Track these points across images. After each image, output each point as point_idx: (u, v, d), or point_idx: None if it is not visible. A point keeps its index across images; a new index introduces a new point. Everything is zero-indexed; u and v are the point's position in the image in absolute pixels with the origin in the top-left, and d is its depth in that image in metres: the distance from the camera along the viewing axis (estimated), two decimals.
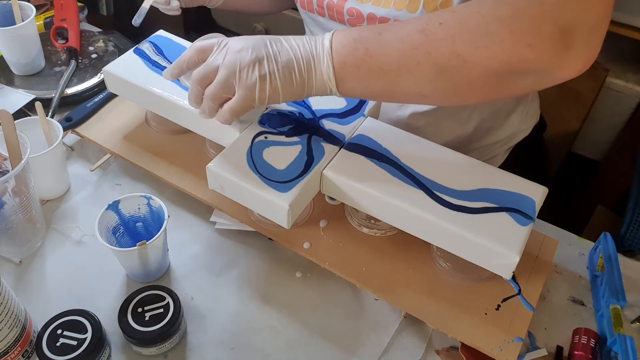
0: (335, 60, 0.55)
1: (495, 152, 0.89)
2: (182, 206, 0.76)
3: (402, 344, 0.64)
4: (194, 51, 0.60)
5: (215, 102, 0.58)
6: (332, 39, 0.55)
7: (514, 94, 0.52)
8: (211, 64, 0.57)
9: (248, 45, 0.56)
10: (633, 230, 1.12)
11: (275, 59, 0.55)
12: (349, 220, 0.71)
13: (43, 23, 1.01)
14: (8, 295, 0.55)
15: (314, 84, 0.57)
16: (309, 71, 0.56)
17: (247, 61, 0.55)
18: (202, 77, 0.58)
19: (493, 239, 0.56)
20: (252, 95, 0.56)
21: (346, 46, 0.54)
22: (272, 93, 0.56)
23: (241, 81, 0.55)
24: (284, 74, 0.55)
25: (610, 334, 0.62)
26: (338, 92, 0.57)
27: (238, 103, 0.57)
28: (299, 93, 0.57)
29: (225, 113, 0.58)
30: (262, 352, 0.63)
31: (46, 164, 0.72)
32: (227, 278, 0.69)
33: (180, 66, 0.62)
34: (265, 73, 0.55)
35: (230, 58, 0.56)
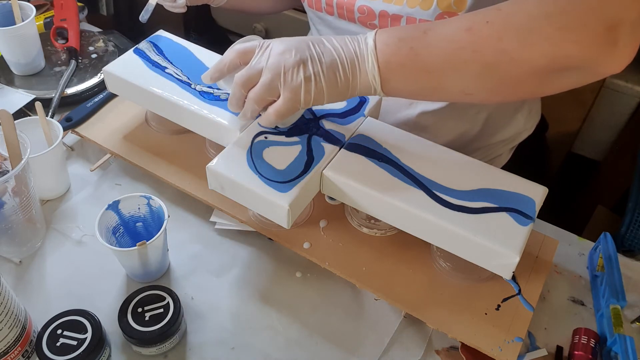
0: (381, 59, 0.54)
1: (500, 151, 0.89)
2: (182, 206, 0.76)
3: (402, 344, 0.64)
4: (235, 54, 0.59)
5: (260, 104, 0.58)
6: (375, 38, 0.55)
7: (556, 91, 0.53)
8: (255, 67, 0.57)
9: (291, 47, 0.56)
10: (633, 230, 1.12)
11: (319, 59, 0.55)
12: (349, 220, 0.71)
13: (43, 23, 1.01)
14: (8, 295, 0.55)
15: (358, 84, 0.56)
16: (353, 71, 0.55)
17: (292, 63, 0.55)
18: (246, 80, 0.57)
19: (493, 239, 0.56)
20: (298, 97, 0.55)
21: (391, 45, 0.54)
22: (317, 94, 0.56)
23: (286, 83, 0.55)
24: (329, 75, 0.55)
25: (610, 334, 0.62)
26: (382, 91, 0.56)
27: (284, 105, 0.56)
28: (343, 93, 0.57)
29: (271, 116, 0.57)
30: (262, 352, 0.63)
31: (46, 164, 0.72)
32: (227, 278, 0.69)
33: (220, 69, 0.61)
34: (310, 74, 0.55)
35: (274, 60, 0.55)
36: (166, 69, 0.73)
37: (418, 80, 0.55)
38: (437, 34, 0.53)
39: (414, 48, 0.53)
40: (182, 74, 0.72)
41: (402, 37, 0.54)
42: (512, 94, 0.56)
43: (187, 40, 0.79)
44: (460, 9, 0.65)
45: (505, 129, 0.86)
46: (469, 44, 0.51)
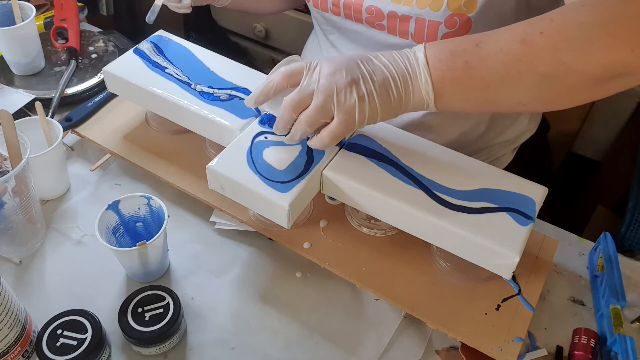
0: (434, 75, 0.53)
1: (503, 151, 0.90)
2: (182, 206, 0.76)
3: (402, 344, 0.64)
4: (282, 76, 0.57)
5: (312, 127, 0.56)
6: (426, 53, 0.54)
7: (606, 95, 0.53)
8: (305, 89, 0.55)
9: (341, 67, 0.54)
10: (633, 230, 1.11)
11: (371, 78, 0.54)
12: (349, 220, 0.71)
13: (43, 23, 1.01)
14: (8, 295, 0.55)
15: (411, 100, 0.55)
16: (406, 88, 0.54)
17: (344, 84, 0.53)
18: (297, 104, 0.56)
19: (493, 239, 0.56)
20: (352, 118, 0.54)
21: (444, 60, 0.53)
22: (371, 113, 0.54)
23: (340, 105, 0.54)
24: (382, 93, 0.54)
25: (610, 334, 0.62)
26: (435, 107, 0.55)
27: (339, 127, 0.55)
28: (395, 111, 0.56)
29: (325, 138, 0.56)
30: (262, 352, 0.63)
31: (46, 164, 0.72)
32: (227, 278, 0.69)
33: (266, 92, 0.58)
34: (364, 94, 0.54)
35: (326, 81, 0.54)
36: (166, 69, 0.73)
37: (473, 94, 0.54)
38: (490, 46, 0.52)
39: (468, 62, 0.53)
40: (183, 74, 0.72)
41: (455, 51, 0.53)
42: (566, 102, 0.55)
43: (187, 40, 0.79)
44: (470, 11, 0.65)
45: (509, 129, 0.86)
46: (525, 56, 0.51)
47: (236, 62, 0.76)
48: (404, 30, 0.71)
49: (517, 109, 0.56)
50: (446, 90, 0.54)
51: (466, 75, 0.53)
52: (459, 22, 0.66)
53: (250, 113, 0.67)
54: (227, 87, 0.71)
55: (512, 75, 0.52)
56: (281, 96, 0.58)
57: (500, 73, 0.52)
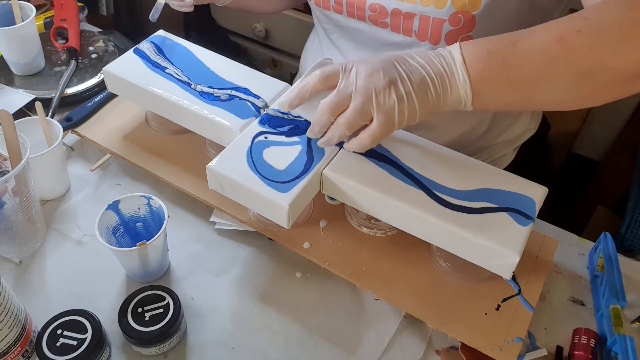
0: (472, 74, 0.53)
1: (504, 151, 0.90)
2: (182, 206, 0.76)
3: (402, 344, 0.64)
4: (317, 79, 0.57)
5: (351, 130, 0.56)
6: (462, 52, 0.54)
7: (633, 93, 0.54)
8: (343, 92, 0.55)
9: (378, 68, 0.54)
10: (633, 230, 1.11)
11: (409, 78, 0.54)
12: (349, 220, 0.71)
13: (43, 23, 1.01)
14: (8, 295, 0.55)
15: (449, 100, 0.55)
16: (444, 87, 0.54)
17: (382, 85, 0.53)
18: (335, 106, 0.55)
19: (493, 239, 0.56)
20: (392, 119, 0.54)
21: (481, 59, 0.53)
22: (410, 114, 0.54)
23: (379, 106, 0.53)
24: (420, 94, 0.54)
25: (610, 334, 0.62)
26: (472, 105, 0.55)
27: (379, 129, 0.54)
28: (433, 110, 0.56)
29: (365, 140, 0.56)
30: (262, 352, 0.63)
31: (46, 164, 0.72)
32: (227, 278, 0.69)
33: (302, 96, 0.58)
34: (402, 95, 0.53)
35: (364, 84, 0.54)
36: (166, 69, 0.73)
37: (510, 93, 0.55)
38: (526, 45, 0.53)
39: (506, 60, 0.53)
40: (183, 74, 0.72)
41: (492, 50, 0.53)
42: (601, 99, 0.55)
43: (187, 40, 0.79)
44: (474, 9, 0.65)
45: (510, 128, 0.86)
46: (562, 55, 0.51)
47: (236, 62, 0.76)
48: (407, 28, 0.71)
49: (552, 106, 0.57)
50: (484, 89, 0.54)
51: (504, 74, 0.53)
52: (464, 19, 0.66)
53: (250, 113, 0.67)
54: (227, 87, 0.71)
55: (550, 74, 0.52)
56: (315, 100, 0.58)
57: (538, 71, 0.52)
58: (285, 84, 0.72)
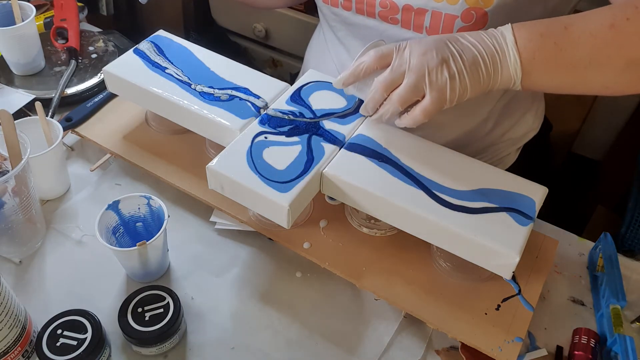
0: (523, 54, 0.56)
1: (508, 150, 0.90)
2: (182, 206, 0.76)
3: (402, 344, 0.64)
4: (372, 58, 0.59)
5: (404, 105, 0.58)
6: (514, 34, 0.56)
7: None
8: (397, 69, 0.58)
9: (431, 47, 0.57)
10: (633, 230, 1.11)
11: (461, 57, 0.56)
12: (349, 220, 0.71)
13: (43, 23, 1.01)
14: (8, 295, 0.55)
15: (500, 78, 0.57)
16: (495, 66, 0.57)
17: (435, 63, 0.56)
18: (389, 83, 0.58)
19: (493, 239, 0.56)
20: (444, 95, 0.56)
21: (534, 41, 0.55)
22: (462, 91, 0.57)
23: (432, 83, 0.56)
24: (472, 71, 0.56)
25: (610, 334, 0.62)
26: (521, 85, 0.58)
27: (432, 104, 0.57)
28: (484, 88, 0.58)
29: (418, 115, 0.58)
30: (262, 352, 0.63)
31: (46, 164, 0.72)
32: (227, 278, 0.69)
33: (357, 74, 0.61)
34: (454, 72, 0.56)
35: (418, 61, 0.56)
36: (166, 69, 0.73)
37: (560, 75, 0.57)
38: (579, 29, 0.55)
39: (558, 44, 0.55)
40: (183, 74, 0.72)
41: (544, 33, 0.55)
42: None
43: (187, 40, 0.79)
44: (487, 5, 0.65)
45: (515, 127, 0.86)
46: (614, 40, 0.53)
47: (236, 62, 0.76)
48: (418, 24, 0.70)
49: (600, 91, 0.58)
50: (534, 70, 0.56)
51: (555, 57, 0.55)
52: (476, 16, 0.66)
53: (250, 113, 0.67)
54: (227, 87, 0.71)
55: (600, 59, 0.54)
56: (369, 79, 0.60)
57: (589, 56, 0.54)
58: (285, 84, 0.72)
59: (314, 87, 0.71)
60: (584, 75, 0.56)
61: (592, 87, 0.58)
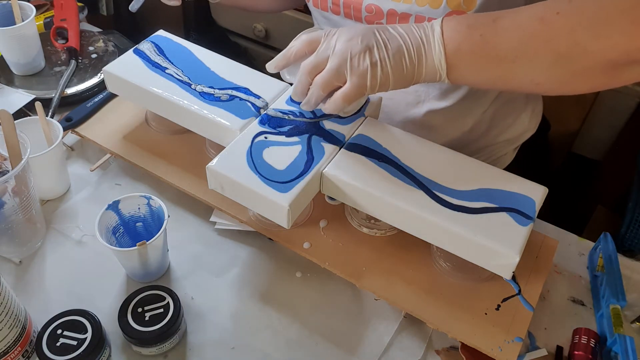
0: (448, 46, 0.55)
1: (505, 150, 0.90)
2: (182, 206, 0.76)
3: (402, 344, 0.64)
4: (302, 43, 0.61)
5: (325, 90, 0.59)
6: (442, 25, 0.56)
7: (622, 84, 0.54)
8: (322, 54, 0.58)
9: (358, 34, 0.57)
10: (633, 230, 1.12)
11: (385, 46, 0.56)
12: (349, 220, 0.71)
13: (43, 23, 1.01)
14: (8, 295, 0.55)
15: (424, 71, 0.57)
16: (419, 57, 0.56)
17: (359, 49, 0.56)
18: (313, 67, 0.59)
19: (493, 239, 0.56)
20: (364, 82, 0.57)
21: (460, 32, 0.55)
22: (384, 80, 0.57)
23: (353, 69, 0.56)
24: (395, 61, 0.56)
25: (610, 334, 0.62)
26: (448, 79, 0.57)
27: (351, 90, 0.57)
28: (408, 79, 0.58)
29: (338, 100, 0.58)
30: (262, 352, 0.63)
31: (46, 164, 0.72)
32: (227, 278, 0.69)
33: (287, 57, 0.62)
34: (377, 60, 0.56)
35: (341, 47, 0.57)
36: (167, 70, 0.73)
37: (487, 68, 0.56)
38: (507, 22, 0.54)
39: (484, 35, 0.54)
40: (183, 75, 0.72)
41: (472, 25, 0.55)
42: (580, 85, 0.55)
43: (187, 40, 0.79)
44: (469, 8, 0.65)
45: (511, 128, 0.86)
46: (541, 34, 0.52)
47: (236, 62, 0.76)
48: None
49: (530, 88, 0.57)
50: (460, 63, 0.55)
51: (481, 49, 0.54)
52: None
53: (250, 113, 0.67)
54: (227, 87, 0.71)
55: (527, 52, 0.53)
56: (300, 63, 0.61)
57: (515, 49, 0.53)
58: (285, 84, 0.72)
59: None
60: (512, 69, 0.54)
61: (522, 82, 0.56)
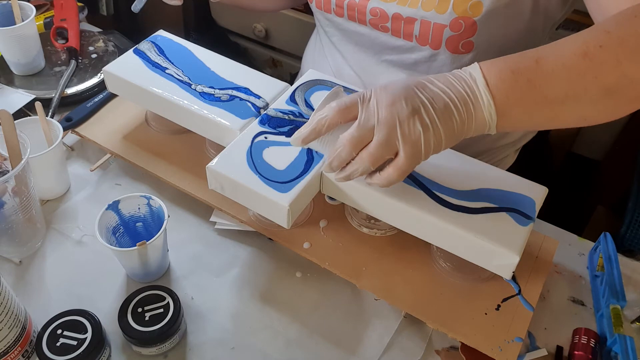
0: (496, 96, 0.51)
1: (506, 152, 0.90)
2: (182, 206, 0.76)
3: (402, 344, 0.64)
4: (335, 112, 0.53)
5: (376, 164, 0.52)
6: (484, 73, 0.51)
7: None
8: (365, 125, 0.51)
9: (400, 96, 0.50)
10: (633, 230, 1.12)
11: (432, 105, 0.50)
12: (349, 220, 0.71)
13: (43, 23, 1.01)
14: (8, 295, 0.55)
15: (474, 124, 0.52)
16: (468, 112, 0.51)
17: (406, 114, 0.50)
18: (358, 141, 0.51)
19: (493, 239, 0.56)
20: (419, 150, 0.50)
21: (505, 80, 0.51)
22: (437, 143, 0.51)
23: (405, 137, 0.50)
24: (445, 120, 0.50)
25: (610, 334, 0.62)
26: (496, 128, 0.53)
27: (407, 162, 0.51)
28: (458, 137, 0.52)
29: (392, 175, 0.52)
30: (262, 352, 0.63)
31: (46, 164, 0.72)
32: (227, 278, 0.69)
33: (318, 130, 0.54)
34: (427, 123, 0.50)
35: (387, 114, 0.50)
36: (167, 70, 0.73)
37: (537, 112, 0.52)
38: (551, 62, 0.50)
39: (532, 80, 0.50)
40: (183, 75, 0.72)
41: (516, 70, 0.51)
42: (624, 113, 0.54)
43: (187, 40, 0.79)
44: (476, 14, 0.65)
45: (511, 132, 0.86)
46: (588, 71, 0.49)
47: (236, 62, 0.76)
48: (408, 32, 0.71)
49: (578, 123, 0.54)
50: (510, 111, 0.51)
51: (530, 95, 0.51)
52: (464, 25, 0.66)
53: (250, 113, 0.68)
54: (227, 87, 0.71)
55: (576, 91, 0.50)
56: (335, 133, 0.54)
57: (565, 89, 0.50)
58: (285, 84, 0.72)
59: (314, 87, 0.71)
60: (562, 109, 0.52)
61: (570, 120, 0.53)
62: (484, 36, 0.68)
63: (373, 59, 0.79)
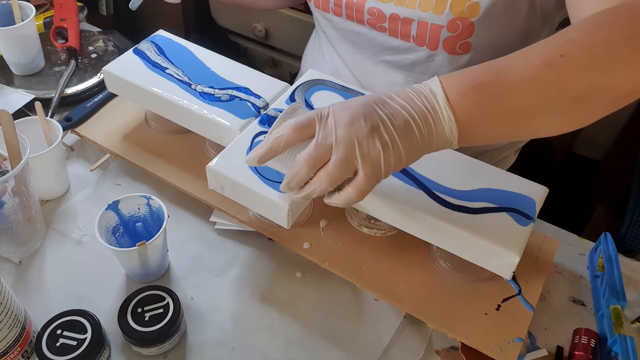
0: (457, 112, 0.49)
1: (506, 153, 0.90)
2: (182, 206, 0.76)
3: (402, 344, 0.64)
4: (292, 131, 0.51)
5: (334, 185, 0.50)
6: (444, 88, 0.49)
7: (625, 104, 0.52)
8: (323, 144, 0.49)
9: (359, 114, 0.48)
10: (633, 230, 1.12)
11: (392, 123, 0.48)
12: (349, 220, 0.71)
13: (43, 23, 1.01)
14: (8, 295, 0.55)
15: (434, 141, 0.50)
16: (428, 128, 0.49)
17: (365, 133, 0.48)
18: (315, 160, 0.49)
19: (493, 239, 0.56)
20: (378, 169, 0.49)
21: (466, 95, 0.49)
22: (397, 161, 0.49)
23: (364, 157, 0.48)
24: (405, 138, 0.49)
25: (611, 334, 0.62)
26: (458, 144, 0.51)
27: (366, 181, 0.49)
28: (419, 153, 0.51)
29: (352, 195, 0.50)
30: (262, 352, 0.63)
31: (46, 164, 0.72)
32: (227, 278, 0.69)
33: (274, 149, 0.52)
34: (387, 142, 0.48)
35: (345, 133, 0.48)
36: (166, 70, 0.73)
37: (502, 127, 0.50)
38: (513, 74, 0.49)
39: (493, 94, 0.49)
40: (183, 75, 0.72)
41: (476, 84, 0.49)
42: (592, 119, 0.52)
43: (187, 40, 0.79)
44: (473, 15, 0.65)
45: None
46: (553, 82, 0.48)
47: (236, 62, 0.76)
48: (405, 32, 0.71)
49: (546, 133, 0.53)
50: (471, 126, 0.50)
51: (494, 110, 0.49)
52: (462, 26, 0.66)
53: (250, 113, 0.67)
54: (227, 87, 0.71)
55: (543, 104, 0.49)
56: (292, 151, 0.53)
57: (530, 103, 0.49)
58: (285, 84, 0.72)
59: (314, 87, 0.71)
60: (529, 122, 0.50)
61: (539, 131, 0.52)
62: (481, 37, 0.68)
63: (371, 60, 0.79)
